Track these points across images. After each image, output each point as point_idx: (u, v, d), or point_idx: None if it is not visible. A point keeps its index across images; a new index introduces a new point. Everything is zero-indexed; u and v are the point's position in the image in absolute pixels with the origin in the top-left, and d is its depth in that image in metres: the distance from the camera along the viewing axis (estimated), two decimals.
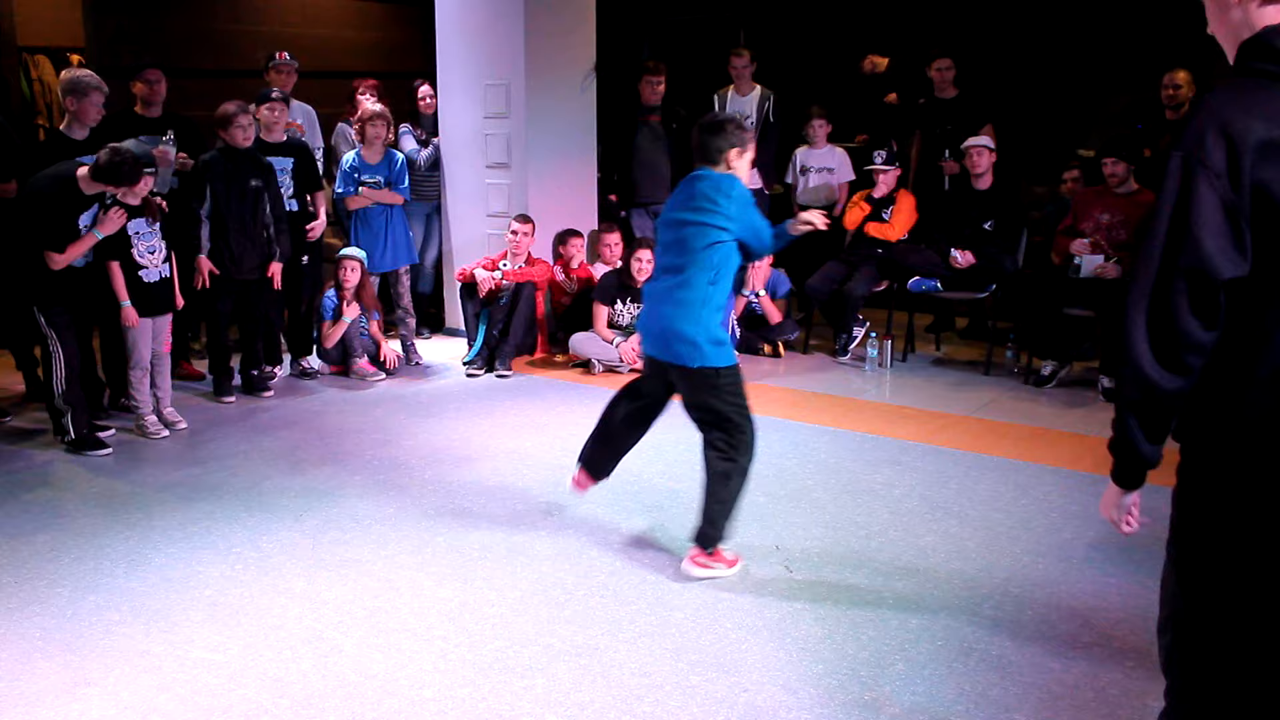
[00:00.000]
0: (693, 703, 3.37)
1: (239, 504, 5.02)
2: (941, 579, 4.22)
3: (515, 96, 7.94)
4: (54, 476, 5.49)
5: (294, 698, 3.43)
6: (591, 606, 4.02)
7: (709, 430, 4.27)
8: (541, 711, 3.34)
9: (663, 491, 5.16)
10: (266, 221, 6.69)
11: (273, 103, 7.10)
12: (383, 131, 7.61)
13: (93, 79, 6.23)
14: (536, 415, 6.44)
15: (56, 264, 5.58)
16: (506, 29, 7.87)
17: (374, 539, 4.65)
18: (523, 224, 7.51)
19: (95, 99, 6.17)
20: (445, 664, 3.62)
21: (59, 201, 5.54)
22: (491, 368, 7.38)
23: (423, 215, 8.46)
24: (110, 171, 5.48)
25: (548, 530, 4.72)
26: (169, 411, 6.16)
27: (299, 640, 3.78)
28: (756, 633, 3.81)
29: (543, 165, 8.08)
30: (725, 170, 4.31)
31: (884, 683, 3.48)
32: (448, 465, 5.57)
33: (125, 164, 5.50)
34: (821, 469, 5.46)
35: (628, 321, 7.54)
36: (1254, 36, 2.16)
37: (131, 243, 5.91)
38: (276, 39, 9.80)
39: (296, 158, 7.20)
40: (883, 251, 7.73)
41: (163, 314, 6.14)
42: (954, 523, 4.76)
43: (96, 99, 6.18)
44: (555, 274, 7.96)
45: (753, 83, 8.38)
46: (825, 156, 8.44)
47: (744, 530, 4.68)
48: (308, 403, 6.78)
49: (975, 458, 5.55)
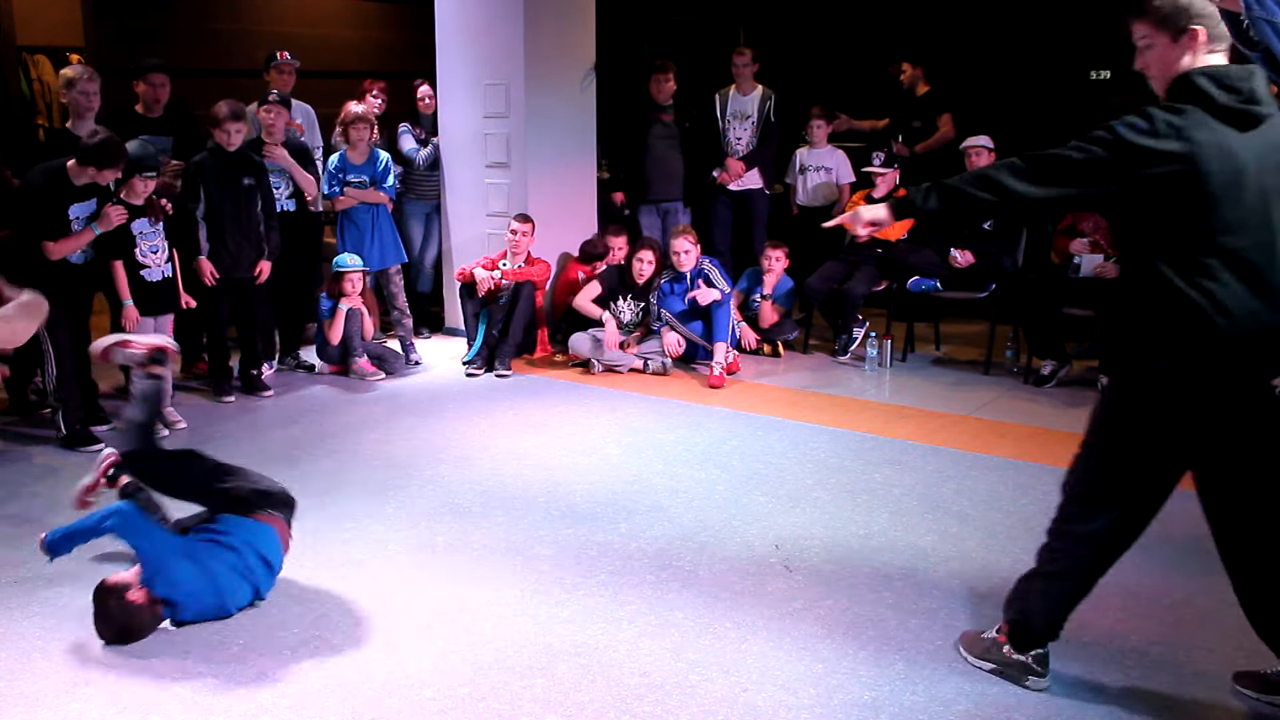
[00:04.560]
0: (693, 702, 3.37)
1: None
2: (941, 579, 4.22)
3: (515, 96, 7.93)
4: (54, 475, 5.49)
5: (294, 697, 3.43)
6: (590, 607, 4.02)
7: None
8: (541, 711, 3.34)
9: (663, 491, 5.16)
10: (260, 219, 6.70)
11: (270, 105, 7.11)
12: (366, 133, 7.61)
13: (83, 70, 6.31)
14: (536, 415, 6.44)
15: (52, 254, 5.62)
16: (506, 29, 7.86)
17: (374, 539, 4.65)
18: (522, 223, 7.52)
19: (86, 87, 6.22)
20: (445, 664, 3.62)
21: (49, 192, 5.59)
22: (491, 367, 7.38)
23: (422, 215, 8.46)
24: (92, 152, 5.53)
25: (548, 530, 4.73)
26: (168, 411, 6.15)
27: (299, 640, 3.78)
28: (756, 632, 3.81)
29: (542, 165, 8.07)
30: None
31: (884, 683, 3.48)
32: (448, 465, 5.57)
33: (107, 144, 5.54)
34: (821, 469, 5.46)
35: (627, 320, 7.55)
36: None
37: (135, 242, 5.94)
38: (276, 38, 9.80)
39: (295, 159, 7.20)
40: (882, 251, 7.73)
41: (164, 313, 6.16)
42: (954, 523, 4.76)
43: (88, 87, 6.22)
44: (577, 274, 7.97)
45: (754, 82, 8.39)
46: (825, 156, 8.45)
47: (744, 530, 4.69)
48: (307, 402, 6.78)
49: (975, 457, 5.56)
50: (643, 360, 7.35)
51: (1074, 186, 3.03)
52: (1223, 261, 2.93)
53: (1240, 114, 2.93)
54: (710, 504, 5.01)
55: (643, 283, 7.48)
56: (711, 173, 8.42)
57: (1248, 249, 2.92)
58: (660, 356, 7.32)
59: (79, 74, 6.34)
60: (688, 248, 7.34)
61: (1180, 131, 2.91)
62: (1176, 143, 2.90)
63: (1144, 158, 2.92)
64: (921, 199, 3.23)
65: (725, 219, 8.59)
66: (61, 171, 5.63)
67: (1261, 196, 2.93)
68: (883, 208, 3.37)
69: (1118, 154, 2.94)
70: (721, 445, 5.84)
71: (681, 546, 4.52)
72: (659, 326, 7.46)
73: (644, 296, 7.53)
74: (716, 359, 7.05)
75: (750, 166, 8.35)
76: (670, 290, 7.45)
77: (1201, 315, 2.93)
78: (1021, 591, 3.46)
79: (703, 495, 5.11)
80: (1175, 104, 2.96)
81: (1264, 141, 2.95)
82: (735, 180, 8.35)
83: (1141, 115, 2.96)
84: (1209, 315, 2.92)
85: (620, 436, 6.02)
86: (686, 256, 7.34)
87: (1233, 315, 2.92)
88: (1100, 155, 2.97)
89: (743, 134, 8.38)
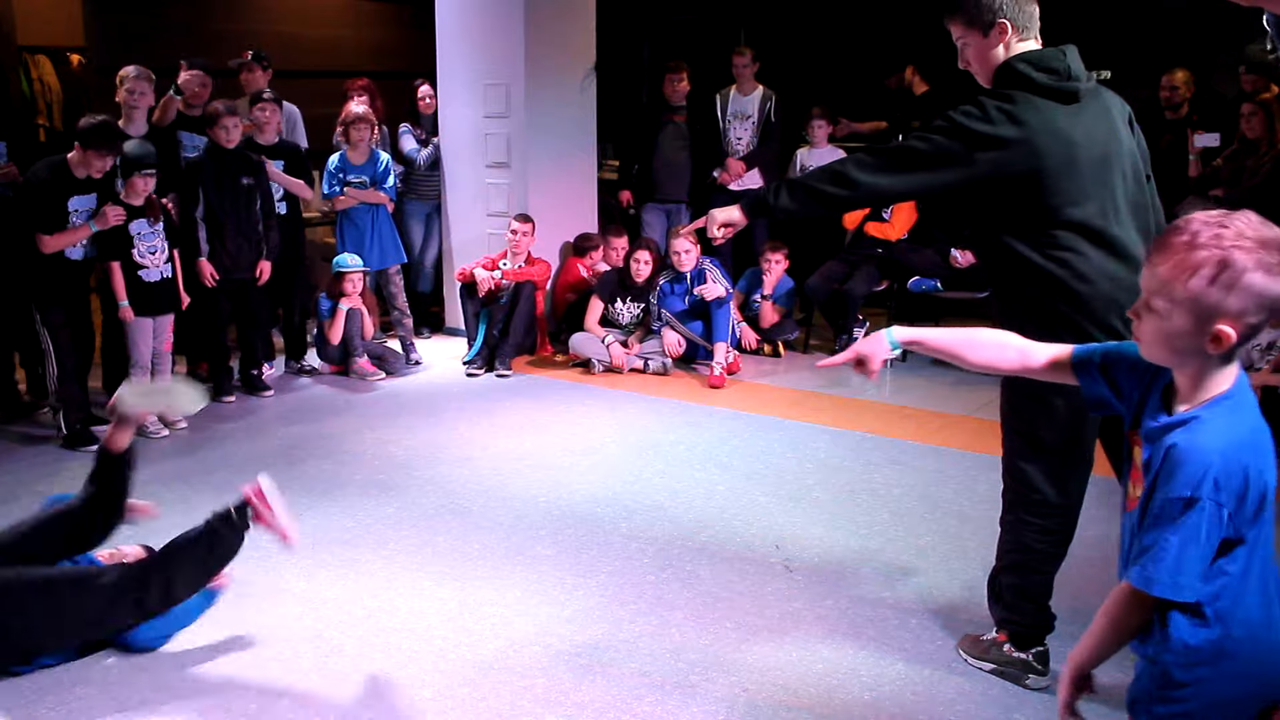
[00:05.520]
0: (693, 703, 3.37)
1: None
2: (942, 579, 4.22)
3: (515, 96, 7.93)
4: (53, 476, 5.48)
5: (294, 697, 3.43)
6: (591, 606, 4.02)
7: None
8: (542, 711, 3.34)
9: (663, 491, 5.16)
10: (258, 218, 6.71)
11: (264, 103, 7.10)
12: (366, 133, 7.60)
13: (134, 69, 6.59)
14: (536, 415, 6.44)
15: (46, 247, 5.66)
16: (507, 29, 7.86)
17: (374, 539, 4.65)
18: (523, 223, 7.52)
19: (134, 86, 6.52)
20: (445, 664, 3.62)
21: (50, 185, 5.66)
22: (491, 367, 7.38)
23: (422, 215, 8.46)
24: (87, 132, 5.63)
25: (548, 530, 4.72)
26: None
27: (299, 640, 3.78)
28: (757, 632, 3.81)
29: (542, 165, 8.08)
30: None
31: (884, 683, 3.48)
32: (447, 465, 5.57)
33: (101, 127, 5.64)
34: (821, 468, 5.46)
35: (627, 320, 7.55)
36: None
37: (133, 243, 5.94)
38: (276, 38, 9.80)
39: (287, 159, 7.20)
40: (883, 251, 7.73)
41: (164, 314, 6.15)
42: (954, 522, 4.76)
43: (134, 86, 6.52)
44: (578, 269, 7.98)
45: (755, 82, 8.39)
46: (826, 156, 8.40)
47: (744, 530, 4.69)
48: (307, 402, 6.78)
49: (975, 457, 5.55)
50: (643, 360, 7.35)
51: (922, 176, 3.15)
52: (1073, 232, 3.08)
53: (1061, 91, 3.11)
54: (711, 504, 5.01)
55: (641, 283, 7.47)
56: (712, 173, 8.42)
57: (1093, 215, 3.08)
58: (660, 356, 7.32)
59: (129, 73, 6.54)
60: (687, 248, 7.34)
61: (1011, 115, 3.05)
62: (1010, 127, 3.05)
63: (981, 142, 3.05)
64: (774, 197, 3.32)
65: None
66: (63, 163, 5.71)
67: (1098, 165, 3.10)
68: (735, 209, 3.44)
69: (958, 140, 3.07)
70: (722, 445, 5.83)
71: (682, 546, 4.52)
72: (659, 326, 7.45)
73: (643, 297, 7.53)
74: (717, 359, 7.05)
75: (750, 167, 8.35)
76: (670, 290, 7.45)
77: (1062, 286, 3.09)
78: (996, 591, 3.54)
79: (703, 495, 5.11)
80: (1002, 90, 3.12)
81: (1090, 113, 3.14)
82: (735, 180, 8.34)
83: (974, 104, 3.10)
84: (1068, 284, 3.08)
85: (621, 436, 6.02)
86: (686, 256, 7.34)
87: (1092, 280, 3.07)
88: (942, 144, 3.10)
89: (743, 134, 8.38)
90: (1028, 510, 3.39)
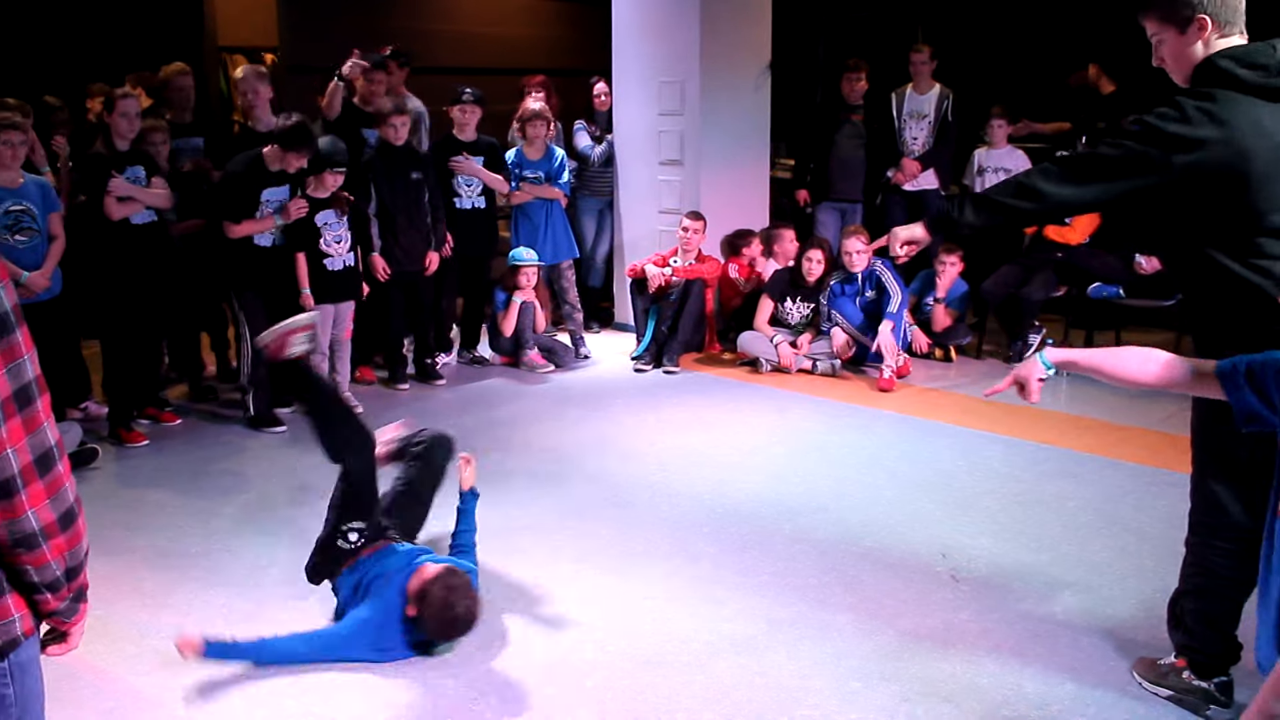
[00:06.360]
0: (852, 710, 3.33)
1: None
2: (1115, 597, 4.06)
3: (690, 94, 7.97)
4: (240, 454, 5.78)
5: (459, 680, 3.52)
6: (751, 606, 4.00)
7: None
8: (700, 708, 3.35)
9: (828, 494, 5.11)
10: (428, 211, 6.90)
11: (463, 104, 7.30)
12: (542, 130, 7.72)
13: (249, 69, 6.92)
14: (703, 412, 6.45)
15: (232, 233, 6.01)
16: (682, 26, 7.90)
17: (538, 528, 4.73)
18: (694, 221, 7.54)
19: (247, 86, 6.76)
20: (605, 656, 3.67)
21: (245, 177, 6.02)
22: (659, 363, 7.42)
23: (595, 211, 8.57)
24: (283, 134, 5.98)
25: (711, 528, 4.73)
26: (345, 396, 6.37)
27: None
28: (920, 641, 3.74)
29: (715, 162, 8.09)
30: None
31: (1052, 702, 3.37)
32: (613, 459, 5.63)
33: (296, 129, 5.97)
34: (992, 477, 5.32)
35: (796, 320, 7.50)
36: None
37: (320, 234, 6.20)
38: (457, 37, 10.06)
39: (486, 156, 7.39)
40: (1062, 255, 7.49)
41: (345, 300, 6.39)
42: (1132, 539, 4.58)
43: (247, 86, 6.77)
44: (729, 271, 7.97)
45: (932, 80, 8.22)
46: (1004, 157, 8.21)
47: (910, 536, 4.61)
48: (478, 392, 6.94)
49: (1155, 472, 5.32)
50: (811, 361, 7.28)
51: (1113, 184, 2.96)
52: (1276, 238, 2.88)
53: (1270, 89, 2.88)
54: (876, 509, 4.94)
55: (813, 282, 7.41)
56: (886, 172, 8.30)
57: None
58: (829, 357, 7.25)
59: (245, 73, 6.89)
60: (860, 248, 7.23)
61: (1212, 115, 2.85)
62: (1210, 127, 2.84)
63: (1179, 145, 2.86)
64: (958, 212, 3.21)
65: (899, 220, 8.39)
66: (258, 157, 6.05)
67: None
68: (918, 226, 3.35)
69: (1152, 145, 2.89)
70: (889, 450, 5.75)
71: (845, 550, 4.47)
72: (829, 327, 7.38)
73: (814, 297, 7.46)
74: (887, 362, 6.94)
75: (926, 167, 8.19)
76: (841, 291, 7.36)
77: (1264, 296, 2.88)
78: (1177, 615, 3.37)
79: (869, 499, 5.05)
80: (1201, 89, 2.92)
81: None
82: (910, 181, 8.20)
83: (1170, 104, 2.91)
84: (1274, 296, 2.88)
85: (786, 437, 5.99)
86: (859, 257, 7.24)
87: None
88: (1135, 149, 2.91)
89: (919, 133, 8.22)
90: (1214, 534, 3.21)
